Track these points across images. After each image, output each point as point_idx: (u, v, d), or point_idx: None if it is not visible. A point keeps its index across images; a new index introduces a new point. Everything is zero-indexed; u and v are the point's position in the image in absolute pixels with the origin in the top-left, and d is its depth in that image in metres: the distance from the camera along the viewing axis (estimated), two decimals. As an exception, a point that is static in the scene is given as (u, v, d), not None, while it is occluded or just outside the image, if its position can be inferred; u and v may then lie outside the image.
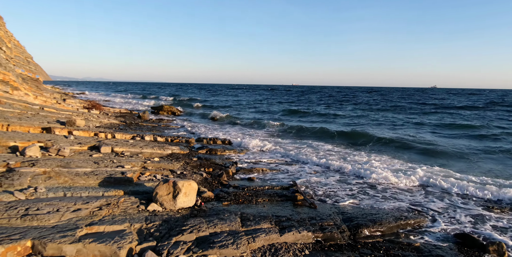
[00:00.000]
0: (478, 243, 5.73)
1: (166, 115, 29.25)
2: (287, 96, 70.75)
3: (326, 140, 17.96)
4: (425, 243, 5.82)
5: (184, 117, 28.36)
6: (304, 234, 5.49)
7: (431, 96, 74.53)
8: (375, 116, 30.63)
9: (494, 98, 65.57)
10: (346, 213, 6.78)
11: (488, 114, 32.46)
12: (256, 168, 10.57)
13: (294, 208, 6.97)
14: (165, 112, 30.09)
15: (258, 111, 35.82)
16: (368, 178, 10.02)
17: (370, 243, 5.63)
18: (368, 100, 57.73)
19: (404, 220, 6.55)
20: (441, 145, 15.90)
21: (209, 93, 76.48)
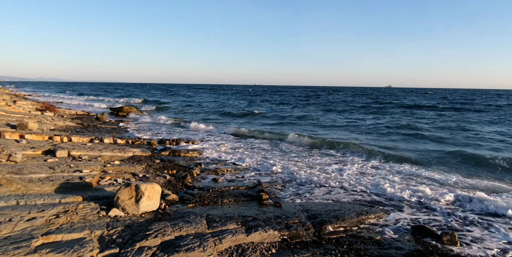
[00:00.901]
0: (433, 233, 6.07)
1: (126, 116, 28.33)
2: (249, 96, 71.06)
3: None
4: (385, 236, 6.06)
5: (146, 118, 27.60)
6: (271, 233, 5.54)
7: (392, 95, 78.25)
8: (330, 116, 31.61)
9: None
10: (311, 210, 6.91)
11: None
12: (221, 169, 10.51)
13: (260, 207, 7.01)
14: (125, 113, 29.12)
15: (218, 112, 35.67)
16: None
17: (334, 239, 5.79)
18: (332, 99, 59.47)
19: (365, 214, 6.79)
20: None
21: (169, 94, 74.89)
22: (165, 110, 35.70)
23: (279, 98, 64.25)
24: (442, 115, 32.64)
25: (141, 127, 21.04)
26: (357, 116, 30.80)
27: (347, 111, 36.11)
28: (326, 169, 11.10)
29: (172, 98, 58.24)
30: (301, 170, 10.79)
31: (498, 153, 14.12)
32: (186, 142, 15.29)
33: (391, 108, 40.85)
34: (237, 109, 36.59)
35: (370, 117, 30.52)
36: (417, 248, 5.57)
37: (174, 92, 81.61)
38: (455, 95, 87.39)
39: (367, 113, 34.60)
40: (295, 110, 37.01)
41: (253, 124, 25.02)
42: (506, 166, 11.73)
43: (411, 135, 19.41)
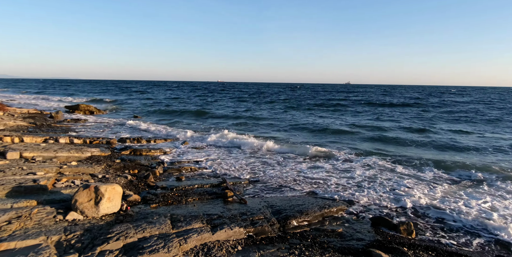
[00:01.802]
0: (391, 224, 6.36)
1: (83, 114, 27.09)
2: (210, 93, 70.43)
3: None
4: (347, 228, 6.28)
5: (105, 116, 26.57)
6: (236, 230, 5.55)
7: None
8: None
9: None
10: (275, 206, 7.00)
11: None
12: (184, 167, 10.36)
13: (225, 205, 6.99)
14: (81, 111, 27.83)
15: (171, 111, 35.13)
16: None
17: (299, 233, 5.91)
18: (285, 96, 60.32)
19: (328, 208, 6.98)
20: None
21: (127, 91, 72.35)
22: (125, 109, 34.54)
23: (237, 94, 64.34)
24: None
25: (100, 126, 20.22)
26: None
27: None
28: (293, 169, 11.29)
29: (131, 96, 56.41)
30: (266, 169, 10.88)
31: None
32: (147, 140, 14.91)
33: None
34: (195, 106, 36.18)
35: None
36: (377, 238, 5.82)
37: (133, 90, 78.99)
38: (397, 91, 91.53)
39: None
40: (253, 109, 36.94)
41: (217, 123, 24.88)
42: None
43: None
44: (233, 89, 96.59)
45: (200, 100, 47.03)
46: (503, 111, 33.30)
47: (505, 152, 14.05)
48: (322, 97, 55.81)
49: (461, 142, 16.32)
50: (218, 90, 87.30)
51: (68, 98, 48.02)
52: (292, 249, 5.11)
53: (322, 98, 54.15)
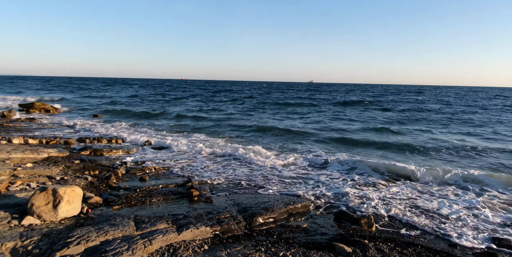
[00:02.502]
0: (353, 218, 6.60)
1: (38, 113, 25.69)
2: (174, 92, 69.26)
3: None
4: (311, 224, 6.45)
5: (62, 115, 25.37)
6: (202, 229, 5.53)
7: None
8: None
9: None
10: (241, 204, 7.04)
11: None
12: (148, 167, 10.13)
13: (191, 204, 6.93)
14: (37, 110, 26.38)
15: (135, 109, 34.25)
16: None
17: (265, 230, 5.98)
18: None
19: (293, 204, 7.12)
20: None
21: (84, 89, 69.42)
22: (83, 107, 33.09)
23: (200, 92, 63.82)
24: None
25: (57, 125, 19.28)
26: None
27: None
28: (260, 168, 11.38)
29: (90, 94, 54.06)
30: (233, 168, 10.90)
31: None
32: (109, 140, 14.41)
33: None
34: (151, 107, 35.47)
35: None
36: (340, 232, 6.02)
37: (92, 88, 75.89)
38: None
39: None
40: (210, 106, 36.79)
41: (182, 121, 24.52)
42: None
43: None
44: (196, 87, 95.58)
45: (162, 99, 46.13)
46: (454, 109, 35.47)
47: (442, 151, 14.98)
48: (279, 96, 56.60)
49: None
50: (181, 88, 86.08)
51: (13, 97, 44.58)
52: (259, 246, 5.17)
53: (278, 97, 54.85)
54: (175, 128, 19.82)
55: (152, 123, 22.04)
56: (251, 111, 30.84)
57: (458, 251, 5.58)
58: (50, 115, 25.05)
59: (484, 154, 13.66)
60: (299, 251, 5.06)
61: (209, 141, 15.69)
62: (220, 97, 50.18)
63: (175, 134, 17.77)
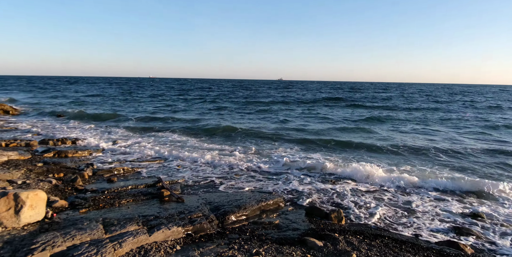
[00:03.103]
0: (323, 212, 6.75)
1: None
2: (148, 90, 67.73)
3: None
4: (283, 220, 6.54)
5: (22, 116, 24.15)
6: (174, 229, 5.46)
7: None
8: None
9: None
10: (213, 202, 7.01)
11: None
12: (116, 168, 9.85)
13: (162, 205, 6.82)
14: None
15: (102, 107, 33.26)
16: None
17: (238, 228, 6.00)
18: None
19: (265, 201, 7.18)
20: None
21: (44, 88, 66.55)
22: (45, 108, 31.62)
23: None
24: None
25: (16, 126, 18.33)
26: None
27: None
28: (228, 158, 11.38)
29: (54, 93, 51.86)
30: (205, 167, 10.83)
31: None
32: (74, 141, 13.88)
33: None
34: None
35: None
36: (311, 227, 6.14)
37: (55, 87, 72.74)
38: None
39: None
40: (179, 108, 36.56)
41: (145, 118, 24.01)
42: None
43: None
44: (164, 85, 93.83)
45: (129, 97, 44.94)
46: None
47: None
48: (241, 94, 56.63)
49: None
50: (147, 86, 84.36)
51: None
52: (232, 244, 5.18)
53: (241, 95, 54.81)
54: (143, 128, 19.38)
55: (119, 123, 21.46)
56: (217, 111, 30.27)
57: (422, 241, 5.85)
58: (9, 116, 23.77)
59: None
60: (272, 247, 5.11)
61: (180, 141, 15.48)
62: (187, 96, 49.42)
63: (145, 134, 17.39)
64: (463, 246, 5.59)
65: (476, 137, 17.83)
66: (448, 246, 5.60)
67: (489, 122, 23.84)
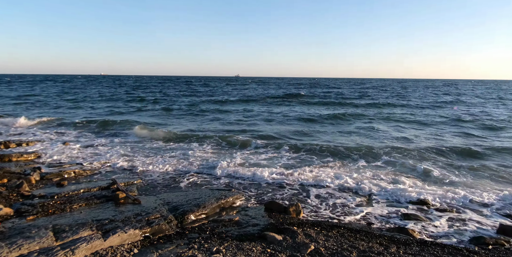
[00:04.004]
0: (282, 207, 6.88)
1: None
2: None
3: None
4: (243, 216, 6.58)
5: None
6: (131, 232, 5.30)
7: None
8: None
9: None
10: (172, 202, 6.89)
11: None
12: (66, 171, 9.34)
13: (117, 207, 6.59)
14: None
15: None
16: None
17: (197, 227, 5.95)
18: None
19: (224, 199, 7.18)
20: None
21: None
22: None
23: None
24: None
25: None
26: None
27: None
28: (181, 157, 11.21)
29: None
30: (155, 163, 10.60)
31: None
32: (18, 143, 12.97)
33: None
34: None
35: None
36: (270, 222, 6.23)
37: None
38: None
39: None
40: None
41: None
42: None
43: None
44: (115, 83, 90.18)
45: (70, 96, 42.58)
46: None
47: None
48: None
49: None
50: (97, 83, 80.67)
51: None
52: (191, 244, 5.12)
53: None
54: (94, 130, 18.51)
55: (67, 124, 20.29)
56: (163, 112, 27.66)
57: (375, 229, 6.16)
58: None
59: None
60: (232, 244, 5.13)
61: (134, 142, 15.00)
62: (136, 95, 46.90)
63: (99, 135, 16.64)
64: (411, 231, 5.97)
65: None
66: (398, 232, 5.95)
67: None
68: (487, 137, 16.75)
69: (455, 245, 5.46)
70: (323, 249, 4.94)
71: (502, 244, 5.64)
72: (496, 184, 9.24)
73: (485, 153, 12.80)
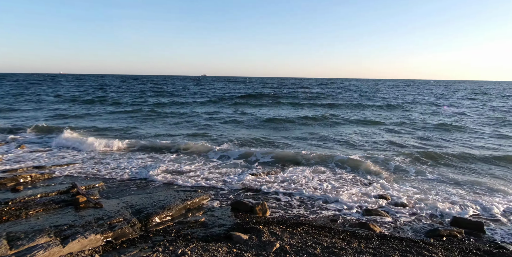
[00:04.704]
0: (248, 206, 6.92)
1: None
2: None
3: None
4: (209, 217, 6.55)
5: None
6: (92, 238, 5.13)
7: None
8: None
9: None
10: (136, 205, 6.73)
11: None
12: (22, 175, 8.86)
13: (77, 212, 6.34)
14: None
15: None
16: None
17: (162, 229, 5.85)
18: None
19: (190, 200, 7.11)
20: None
21: None
22: None
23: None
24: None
25: None
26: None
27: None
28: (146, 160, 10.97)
29: None
30: (126, 170, 10.31)
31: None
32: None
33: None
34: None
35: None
36: (237, 222, 6.25)
37: None
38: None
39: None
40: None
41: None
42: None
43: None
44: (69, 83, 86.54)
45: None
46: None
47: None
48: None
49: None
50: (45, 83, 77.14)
51: None
52: (156, 247, 5.04)
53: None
54: (50, 130, 17.66)
55: (22, 122, 19.22)
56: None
57: (339, 225, 6.35)
58: None
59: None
60: (197, 245, 5.09)
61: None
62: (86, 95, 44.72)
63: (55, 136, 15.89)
64: (372, 225, 6.20)
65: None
66: (360, 227, 6.17)
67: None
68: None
69: (412, 238, 5.74)
70: (288, 246, 5.02)
71: (455, 235, 5.99)
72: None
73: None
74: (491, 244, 5.78)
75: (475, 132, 18.32)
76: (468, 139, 16.36)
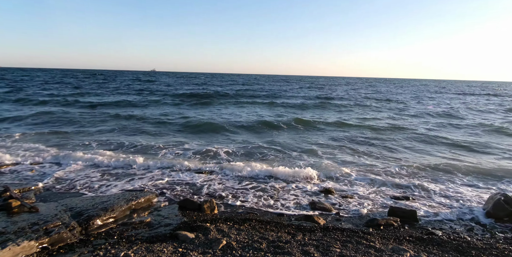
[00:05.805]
0: (196, 204, 6.87)
1: None
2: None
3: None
4: (156, 217, 6.41)
5: None
6: (25, 245, 4.80)
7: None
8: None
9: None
10: (76, 208, 6.40)
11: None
12: None
13: (10, 218, 5.88)
14: None
15: None
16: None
17: (104, 232, 5.63)
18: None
19: (135, 200, 6.90)
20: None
21: None
22: None
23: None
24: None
25: None
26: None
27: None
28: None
29: None
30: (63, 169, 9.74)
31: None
32: None
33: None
34: None
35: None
36: (184, 220, 6.17)
37: None
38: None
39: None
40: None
41: None
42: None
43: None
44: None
45: None
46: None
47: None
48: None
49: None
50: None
51: None
52: (96, 251, 4.83)
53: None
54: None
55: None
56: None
57: (285, 219, 6.51)
58: None
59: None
60: (141, 247, 4.97)
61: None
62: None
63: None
64: (317, 218, 6.44)
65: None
66: (305, 220, 6.38)
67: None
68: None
69: (352, 228, 6.05)
70: (235, 243, 5.07)
71: (391, 224, 6.40)
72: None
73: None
74: (422, 230, 6.26)
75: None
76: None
